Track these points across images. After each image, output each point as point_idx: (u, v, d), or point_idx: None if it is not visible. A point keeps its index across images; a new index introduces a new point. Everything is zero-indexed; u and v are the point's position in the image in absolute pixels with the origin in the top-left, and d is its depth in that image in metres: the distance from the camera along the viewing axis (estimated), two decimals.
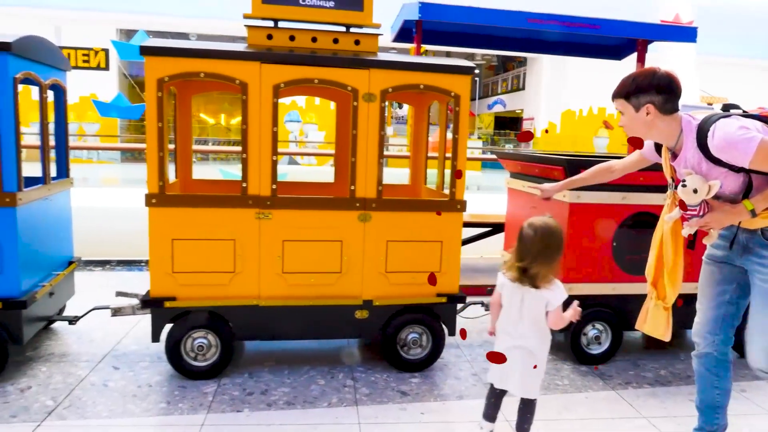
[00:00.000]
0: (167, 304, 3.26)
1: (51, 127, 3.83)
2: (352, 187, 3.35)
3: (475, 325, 4.22)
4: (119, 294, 3.73)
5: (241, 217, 3.27)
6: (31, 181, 3.46)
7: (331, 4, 3.51)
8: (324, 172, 6.74)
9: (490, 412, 2.63)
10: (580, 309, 2.48)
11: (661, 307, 2.60)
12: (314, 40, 3.42)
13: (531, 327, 2.47)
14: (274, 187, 3.28)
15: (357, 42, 3.47)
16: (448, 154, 3.58)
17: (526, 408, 2.58)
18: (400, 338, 3.53)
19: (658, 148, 2.63)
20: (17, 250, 3.15)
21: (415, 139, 4.43)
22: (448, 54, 27.06)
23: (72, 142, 16.64)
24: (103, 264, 5.88)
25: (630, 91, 2.40)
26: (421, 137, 4.35)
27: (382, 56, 3.41)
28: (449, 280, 3.53)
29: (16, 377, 3.28)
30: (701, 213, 2.39)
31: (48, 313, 3.66)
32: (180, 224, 3.22)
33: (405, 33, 5.55)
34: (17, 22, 15.24)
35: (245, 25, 3.38)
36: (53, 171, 3.92)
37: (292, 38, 3.40)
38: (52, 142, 3.94)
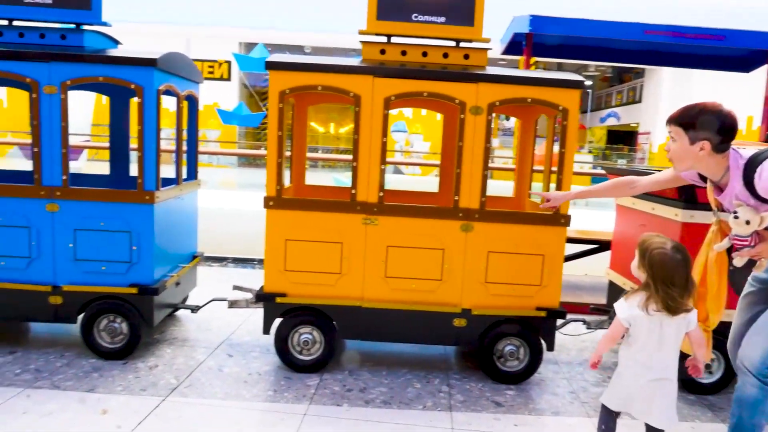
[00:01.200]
0: (278, 300, 3.51)
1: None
2: (456, 198, 3.43)
3: (575, 343, 4.14)
4: (236, 288, 4.04)
5: (349, 221, 3.45)
6: (166, 182, 3.85)
7: (442, 19, 3.61)
8: (428, 182, 6.84)
9: None
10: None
11: (702, 329, 2.56)
12: (425, 54, 3.55)
13: (672, 356, 2.43)
14: (381, 194, 3.43)
15: (466, 56, 3.56)
16: (555, 168, 3.56)
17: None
18: (497, 349, 3.54)
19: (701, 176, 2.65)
20: (153, 243, 3.53)
21: (521, 152, 4.44)
22: (559, 66, 26.36)
23: (215, 148, 17.97)
24: (220, 260, 6.34)
25: (692, 123, 2.39)
26: (527, 150, 4.35)
27: (491, 70, 3.47)
28: (550, 294, 3.50)
29: (146, 356, 3.67)
30: (753, 243, 2.42)
31: (174, 301, 4.05)
32: (293, 226, 3.46)
33: (515, 46, 5.56)
34: (154, 38, 16.79)
35: (360, 41, 3.57)
36: (184, 173, 4.34)
37: (403, 53, 3.55)
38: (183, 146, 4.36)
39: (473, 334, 3.53)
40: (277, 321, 3.56)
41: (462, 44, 3.62)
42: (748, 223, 2.37)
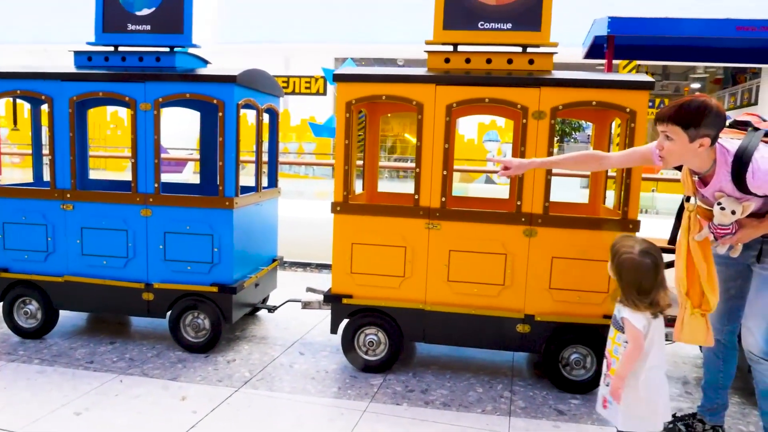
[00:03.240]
0: (344, 301, 3.66)
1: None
2: (519, 203, 3.43)
3: None
4: (309, 290, 4.25)
5: (412, 226, 3.55)
6: (246, 190, 4.14)
7: (509, 26, 3.64)
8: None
9: None
10: None
11: (699, 314, 2.57)
12: (489, 61, 3.58)
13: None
14: (444, 199, 3.50)
15: (531, 61, 3.55)
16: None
17: None
18: (562, 357, 3.48)
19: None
20: (232, 245, 3.81)
21: None
22: (664, 69, 24.93)
23: (293, 158, 18.78)
24: (304, 266, 6.64)
25: (691, 121, 2.35)
26: None
27: (556, 74, 3.45)
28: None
29: (225, 351, 3.95)
30: (734, 231, 2.50)
31: (253, 300, 4.32)
32: (359, 230, 3.60)
33: (596, 49, 5.41)
34: (254, 56, 17.83)
35: (425, 51, 3.66)
36: (265, 182, 4.63)
37: (467, 61, 3.61)
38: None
39: (537, 340, 3.48)
40: (345, 322, 3.71)
41: (529, 49, 3.62)
42: (733, 213, 2.44)
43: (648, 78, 3.29)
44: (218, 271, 3.83)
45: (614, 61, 6.09)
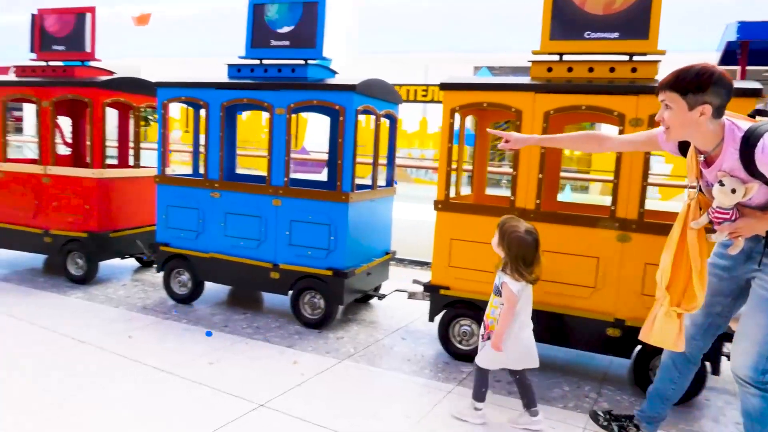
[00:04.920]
0: (442, 292, 3.97)
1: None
2: (612, 208, 3.51)
3: None
4: (415, 281, 4.60)
5: None
6: (362, 186, 4.60)
7: (616, 35, 3.71)
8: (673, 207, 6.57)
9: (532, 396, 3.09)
10: None
11: (674, 314, 2.47)
12: (591, 70, 3.69)
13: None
14: (538, 201, 3.68)
15: (634, 69, 3.61)
16: None
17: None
18: (654, 365, 3.48)
19: (681, 148, 2.58)
20: (346, 235, 4.29)
21: None
22: None
23: (418, 163, 19.23)
24: (421, 264, 7.01)
25: (690, 87, 2.23)
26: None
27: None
28: None
29: (336, 329, 4.44)
30: (733, 218, 2.34)
31: (364, 287, 4.77)
32: (458, 227, 3.89)
33: (730, 55, 5.19)
34: (394, 65, 18.60)
35: (529, 60, 3.86)
36: (382, 181, 5.07)
37: (570, 69, 3.74)
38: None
39: (627, 346, 3.53)
40: (442, 312, 4.02)
41: (635, 58, 3.68)
42: (734, 191, 2.29)
43: (755, 84, 3.22)
44: (333, 257, 4.32)
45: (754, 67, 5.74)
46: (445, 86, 3.85)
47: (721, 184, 2.32)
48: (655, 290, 2.60)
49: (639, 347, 3.50)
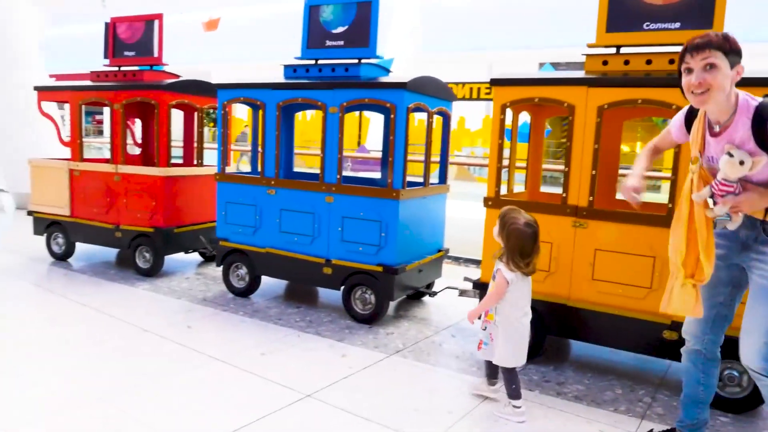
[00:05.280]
0: None
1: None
2: (670, 205, 3.37)
3: None
4: (466, 279, 4.58)
5: (559, 223, 3.68)
6: (414, 184, 4.61)
7: (677, 25, 3.57)
8: None
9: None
10: None
11: (690, 284, 2.50)
12: (649, 62, 3.56)
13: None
14: (591, 199, 3.58)
15: None
16: None
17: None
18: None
19: (687, 126, 2.61)
20: (397, 232, 4.32)
21: None
22: None
23: (483, 161, 18.96)
24: (475, 262, 6.95)
25: (733, 46, 2.29)
26: None
27: None
28: None
29: (386, 325, 4.48)
30: (737, 191, 2.34)
31: (415, 284, 4.78)
32: None
33: None
34: (457, 64, 18.49)
35: (582, 54, 3.76)
36: (435, 179, 5.07)
37: (626, 62, 3.62)
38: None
39: None
40: None
41: None
42: (742, 163, 2.29)
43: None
44: (384, 253, 4.36)
45: None
46: (495, 82, 3.82)
47: (730, 155, 2.32)
48: (669, 264, 2.61)
49: None
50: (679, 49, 3.57)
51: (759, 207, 2.37)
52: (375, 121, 17.22)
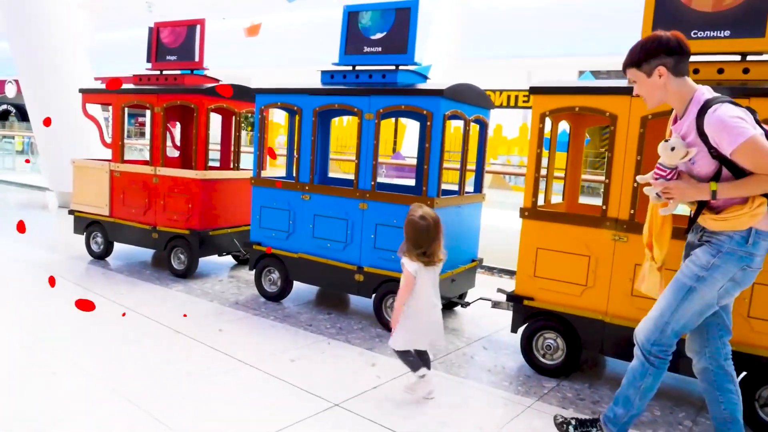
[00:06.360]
0: (525, 303, 3.83)
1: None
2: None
3: None
4: (499, 291, 4.48)
5: (598, 236, 3.57)
6: (449, 192, 4.55)
7: (727, 33, 3.43)
8: None
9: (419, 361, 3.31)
10: None
11: (655, 267, 2.76)
12: (696, 71, 3.43)
13: (437, 292, 3.33)
14: (632, 212, 3.46)
15: (746, 70, 3.30)
16: None
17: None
18: (760, 396, 3.16)
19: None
20: None
21: None
22: None
23: (518, 170, 18.77)
24: (510, 273, 6.82)
25: (640, 57, 2.52)
26: None
27: None
28: None
29: None
30: (669, 177, 2.56)
31: (447, 294, 4.70)
32: (545, 236, 3.75)
33: None
34: (496, 71, 18.32)
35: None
36: (470, 187, 4.99)
37: None
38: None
39: None
40: (526, 323, 3.88)
41: (748, 58, 3.37)
42: (672, 149, 2.49)
43: None
44: None
45: None
46: (535, 90, 3.73)
47: (666, 140, 2.54)
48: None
49: (744, 373, 3.18)
50: (728, 57, 3.47)
51: (688, 197, 2.55)
52: (411, 127, 17.18)
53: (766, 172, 2.32)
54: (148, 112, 6.32)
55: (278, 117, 23.60)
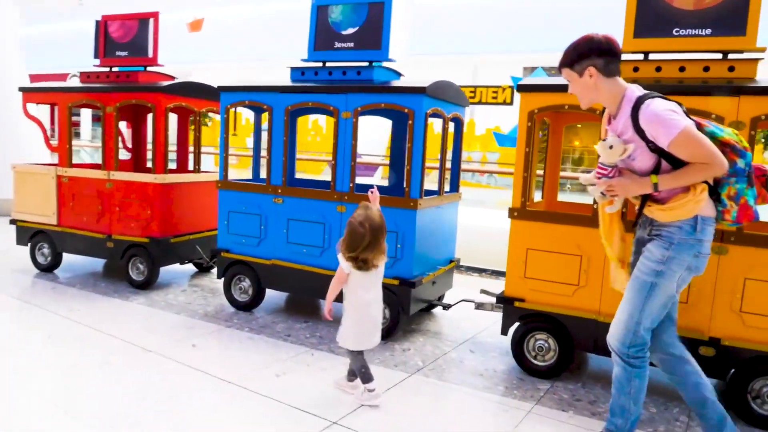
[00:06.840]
0: (516, 304, 3.76)
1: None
2: None
3: None
4: (483, 292, 4.42)
5: (589, 235, 3.53)
6: (428, 192, 4.43)
7: (708, 31, 3.45)
8: None
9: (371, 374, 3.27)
10: None
11: (619, 266, 2.83)
12: (682, 69, 3.44)
13: (380, 290, 3.32)
14: (624, 210, 3.43)
15: (731, 68, 3.34)
16: None
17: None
18: (752, 389, 3.20)
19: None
20: (414, 243, 4.13)
21: None
22: None
23: (476, 167, 18.97)
24: (480, 271, 6.80)
25: (573, 58, 2.59)
26: None
27: (762, 81, 3.20)
28: None
29: (401, 340, 4.28)
30: (611, 175, 2.63)
31: (429, 297, 4.60)
32: (535, 236, 3.69)
33: None
34: (442, 67, 18.35)
35: None
36: (447, 187, 4.89)
37: (658, 69, 3.50)
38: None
39: (723, 367, 3.25)
40: (516, 324, 3.81)
41: (730, 56, 3.41)
42: (611, 147, 2.55)
43: None
44: (400, 265, 4.17)
45: None
46: (523, 88, 3.66)
47: (603, 140, 2.59)
48: None
49: (734, 369, 3.22)
50: (713, 56, 3.50)
51: (632, 192, 2.61)
52: (363, 125, 16.91)
53: (701, 161, 2.41)
54: (83, 111, 5.87)
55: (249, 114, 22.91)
